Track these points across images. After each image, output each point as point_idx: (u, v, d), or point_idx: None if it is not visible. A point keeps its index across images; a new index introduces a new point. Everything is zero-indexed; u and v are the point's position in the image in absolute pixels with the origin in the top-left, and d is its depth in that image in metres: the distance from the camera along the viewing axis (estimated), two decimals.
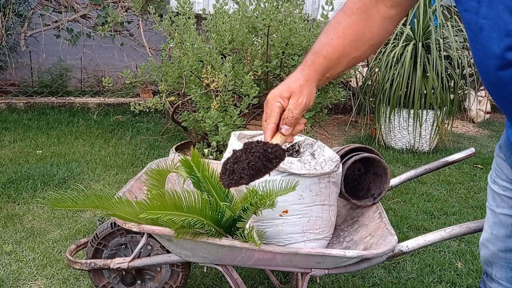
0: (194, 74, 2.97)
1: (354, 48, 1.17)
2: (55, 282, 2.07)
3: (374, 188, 1.81)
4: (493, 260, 1.17)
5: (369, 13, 1.18)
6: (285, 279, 2.14)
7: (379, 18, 1.18)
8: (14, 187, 2.91)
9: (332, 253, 1.45)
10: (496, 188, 1.12)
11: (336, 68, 1.18)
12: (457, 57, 4.04)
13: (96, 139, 3.93)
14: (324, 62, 1.15)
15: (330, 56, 1.16)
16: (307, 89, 1.12)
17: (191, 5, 3.14)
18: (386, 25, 1.19)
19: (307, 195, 1.56)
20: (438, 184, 3.42)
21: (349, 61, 1.19)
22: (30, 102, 4.62)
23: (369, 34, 1.18)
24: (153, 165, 1.94)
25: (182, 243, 1.52)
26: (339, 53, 1.16)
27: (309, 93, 1.12)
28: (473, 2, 1.03)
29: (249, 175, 0.98)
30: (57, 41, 4.86)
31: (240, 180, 0.99)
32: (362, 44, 1.18)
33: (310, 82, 1.13)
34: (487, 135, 4.96)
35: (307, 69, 1.15)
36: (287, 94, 1.11)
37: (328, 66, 1.16)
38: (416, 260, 2.38)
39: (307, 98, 1.11)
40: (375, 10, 1.18)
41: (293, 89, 1.11)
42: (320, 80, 1.17)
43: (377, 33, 1.19)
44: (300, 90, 1.11)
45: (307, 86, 1.12)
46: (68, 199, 1.48)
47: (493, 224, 1.14)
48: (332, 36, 1.17)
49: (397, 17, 1.20)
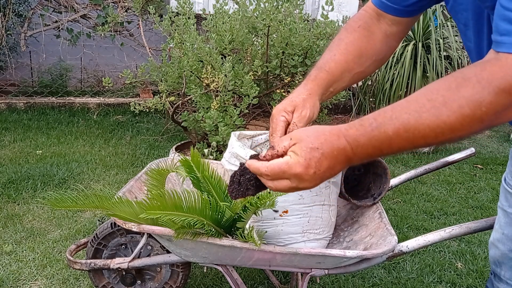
0: (194, 74, 2.97)
1: (357, 64, 1.20)
2: (55, 282, 2.07)
3: (374, 188, 1.81)
4: (503, 260, 1.17)
5: (370, 30, 1.21)
6: (285, 279, 2.14)
7: (381, 35, 1.21)
8: (14, 187, 2.91)
9: (332, 253, 1.45)
10: (509, 188, 1.11)
11: (339, 83, 1.20)
12: (457, 57, 4.04)
13: (96, 139, 3.93)
14: (327, 77, 1.18)
15: (333, 71, 1.18)
16: (310, 103, 1.14)
17: (191, 5, 3.14)
18: (388, 42, 1.22)
19: (307, 195, 1.56)
20: (438, 184, 3.42)
21: (353, 76, 1.21)
22: (30, 102, 4.62)
23: (371, 51, 1.21)
24: (153, 165, 1.94)
25: (182, 243, 1.52)
26: (342, 68, 1.18)
27: (312, 106, 1.14)
28: (461, 25, 1.07)
29: (256, 186, 0.99)
30: (57, 41, 4.86)
31: (247, 191, 1.00)
32: (365, 60, 1.21)
33: (313, 95, 1.15)
34: (487, 135, 4.96)
35: (310, 83, 1.17)
36: (291, 108, 1.13)
37: (331, 81, 1.18)
38: (416, 260, 2.38)
39: (310, 111, 1.13)
40: (376, 27, 1.21)
41: (296, 103, 1.13)
42: (323, 94, 1.18)
43: (380, 49, 1.22)
44: (303, 103, 1.13)
45: (310, 100, 1.15)
46: (68, 199, 1.48)
47: (504, 224, 1.13)
48: (335, 52, 1.19)
49: (399, 34, 1.23)
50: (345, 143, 0.85)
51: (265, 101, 3.17)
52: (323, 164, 0.85)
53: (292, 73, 3.00)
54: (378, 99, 4.14)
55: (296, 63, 2.92)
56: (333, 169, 0.86)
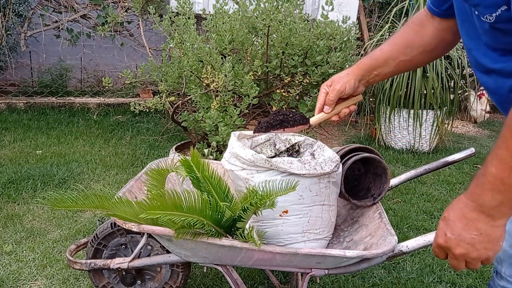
0: (194, 74, 2.97)
1: (402, 53, 1.37)
2: (55, 282, 2.07)
3: (374, 188, 1.80)
4: (504, 257, 1.19)
5: (422, 25, 1.36)
6: (285, 279, 2.14)
7: (431, 29, 1.34)
8: (14, 187, 2.91)
9: (332, 253, 1.45)
10: None
11: (384, 68, 1.40)
12: (457, 57, 4.04)
13: (96, 139, 3.93)
14: (369, 62, 1.41)
15: (378, 58, 1.40)
16: (345, 80, 1.41)
17: (191, 5, 3.14)
18: (439, 35, 1.34)
19: (307, 195, 1.56)
20: (438, 184, 3.42)
21: (398, 64, 1.39)
22: (30, 102, 4.63)
23: (419, 42, 1.36)
24: (153, 165, 1.94)
25: (182, 243, 1.52)
26: (386, 56, 1.39)
27: (345, 83, 1.41)
28: (465, 37, 1.16)
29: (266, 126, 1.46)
30: (57, 41, 4.87)
31: (260, 128, 1.49)
32: (411, 50, 1.36)
33: (351, 75, 1.42)
34: (487, 135, 4.96)
35: (353, 66, 1.44)
36: (330, 83, 1.44)
37: (374, 66, 1.41)
38: (416, 260, 2.38)
39: (341, 85, 1.41)
40: (429, 23, 1.35)
41: (334, 79, 1.44)
42: (365, 75, 1.42)
43: (429, 41, 1.35)
44: (338, 79, 1.43)
45: (346, 78, 1.42)
46: (68, 199, 1.48)
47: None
48: (385, 43, 1.42)
49: (452, 29, 1.32)
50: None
51: (265, 101, 3.17)
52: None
53: (292, 73, 3.00)
54: (378, 99, 4.15)
55: (296, 63, 2.92)
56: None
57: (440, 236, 0.98)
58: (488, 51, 1.06)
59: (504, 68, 1.04)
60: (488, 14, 0.97)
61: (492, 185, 0.90)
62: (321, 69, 2.91)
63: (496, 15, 0.96)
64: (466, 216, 0.94)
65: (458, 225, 0.95)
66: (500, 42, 1.01)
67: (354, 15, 4.62)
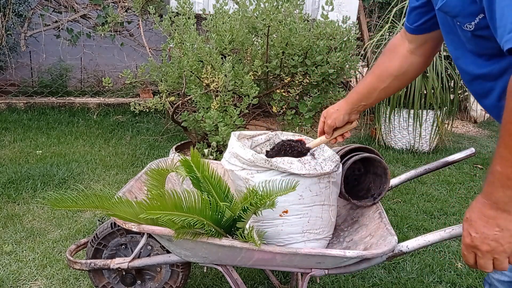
0: (194, 74, 2.97)
1: (379, 81, 1.50)
2: (55, 282, 2.07)
3: (374, 188, 1.81)
4: None
5: (394, 50, 1.47)
6: (285, 279, 2.14)
7: (402, 53, 1.45)
8: (14, 187, 2.91)
9: (332, 253, 1.45)
10: None
11: (368, 99, 1.56)
12: None
13: (96, 139, 3.93)
14: (356, 96, 1.58)
15: (361, 91, 1.56)
16: (334, 116, 1.61)
17: (191, 5, 3.14)
18: (409, 58, 1.44)
19: (307, 195, 1.56)
20: (438, 184, 3.42)
21: (379, 93, 1.53)
22: (30, 102, 4.62)
23: (391, 68, 1.47)
24: (153, 165, 1.94)
25: (182, 243, 1.52)
26: (368, 87, 1.54)
27: (334, 118, 1.61)
28: (450, 47, 1.23)
29: (274, 155, 1.62)
30: (57, 41, 4.87)
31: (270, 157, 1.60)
32: (386, 77, 1.49)
33: (340, 110, 1.60)
34: (487, 135, 4.96)
35: (342, 101, 1.61)
36: (325, 114, 1.64)
37: (359, 99, 1.57)
38: (416, 260, 2.37)
39: (332, 121, 1.61)
40: (401, 47, 1.45)
41: (328, 113, 1.64)
42: (353, 108, 1.59)
43: (399, 65, 1.46)
44: (330, 115, 1.62)
45: (336, 114, 1.61)
46: (68, 199, 1.48)
47: None
48: (367, 75, 1.57)
49: (421, 50, 1.42)
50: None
51: (265, 101, 3.17)
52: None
53: (292, 73, 3.00)
54: None
55: (296, 63, 2.92)
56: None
57: (466, 236, 1.03)
58: (474, 57, 1.13)
59: (490, 72, 1.10)
60: (468, 23, 1.05)
61: (501, 182, 0.95)
62: (321, 69, 2.91)
63: (475, 23, 1.03)
64: (485, 215, 0.98)
65: (480, 223, 0.99)
66: (484, 47, 1.08)
67: (354, 15, 4.62)
